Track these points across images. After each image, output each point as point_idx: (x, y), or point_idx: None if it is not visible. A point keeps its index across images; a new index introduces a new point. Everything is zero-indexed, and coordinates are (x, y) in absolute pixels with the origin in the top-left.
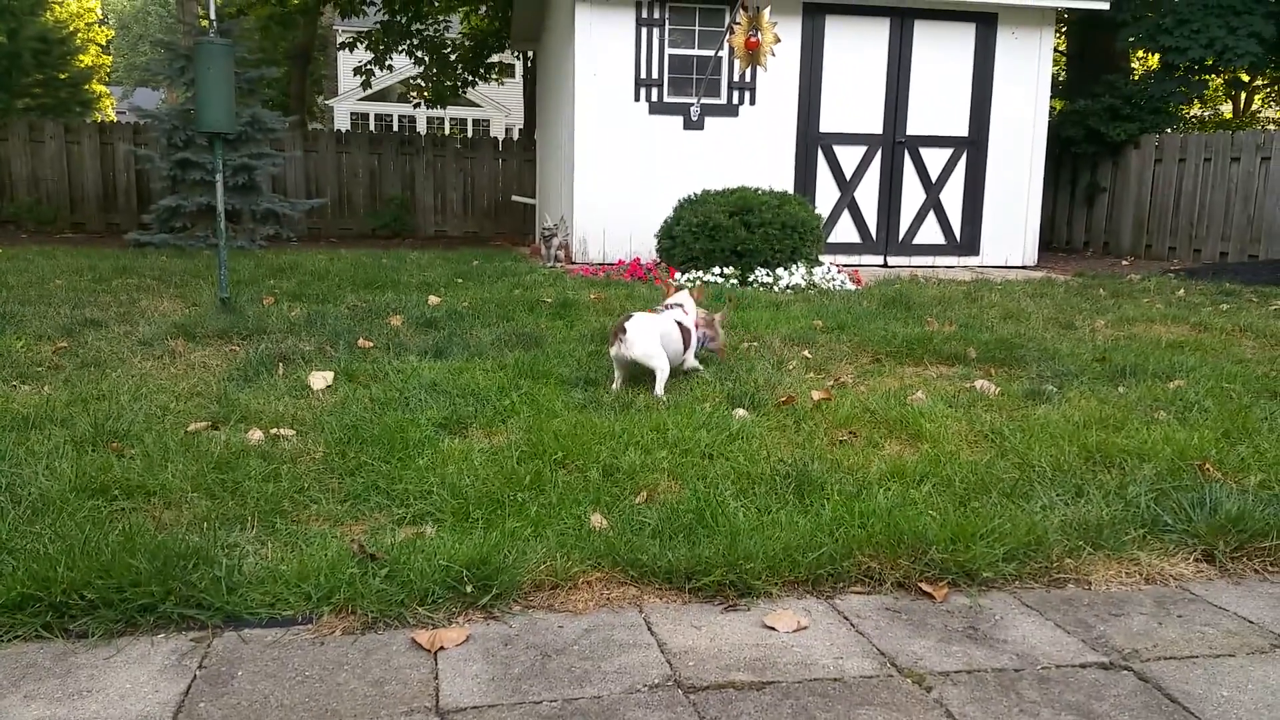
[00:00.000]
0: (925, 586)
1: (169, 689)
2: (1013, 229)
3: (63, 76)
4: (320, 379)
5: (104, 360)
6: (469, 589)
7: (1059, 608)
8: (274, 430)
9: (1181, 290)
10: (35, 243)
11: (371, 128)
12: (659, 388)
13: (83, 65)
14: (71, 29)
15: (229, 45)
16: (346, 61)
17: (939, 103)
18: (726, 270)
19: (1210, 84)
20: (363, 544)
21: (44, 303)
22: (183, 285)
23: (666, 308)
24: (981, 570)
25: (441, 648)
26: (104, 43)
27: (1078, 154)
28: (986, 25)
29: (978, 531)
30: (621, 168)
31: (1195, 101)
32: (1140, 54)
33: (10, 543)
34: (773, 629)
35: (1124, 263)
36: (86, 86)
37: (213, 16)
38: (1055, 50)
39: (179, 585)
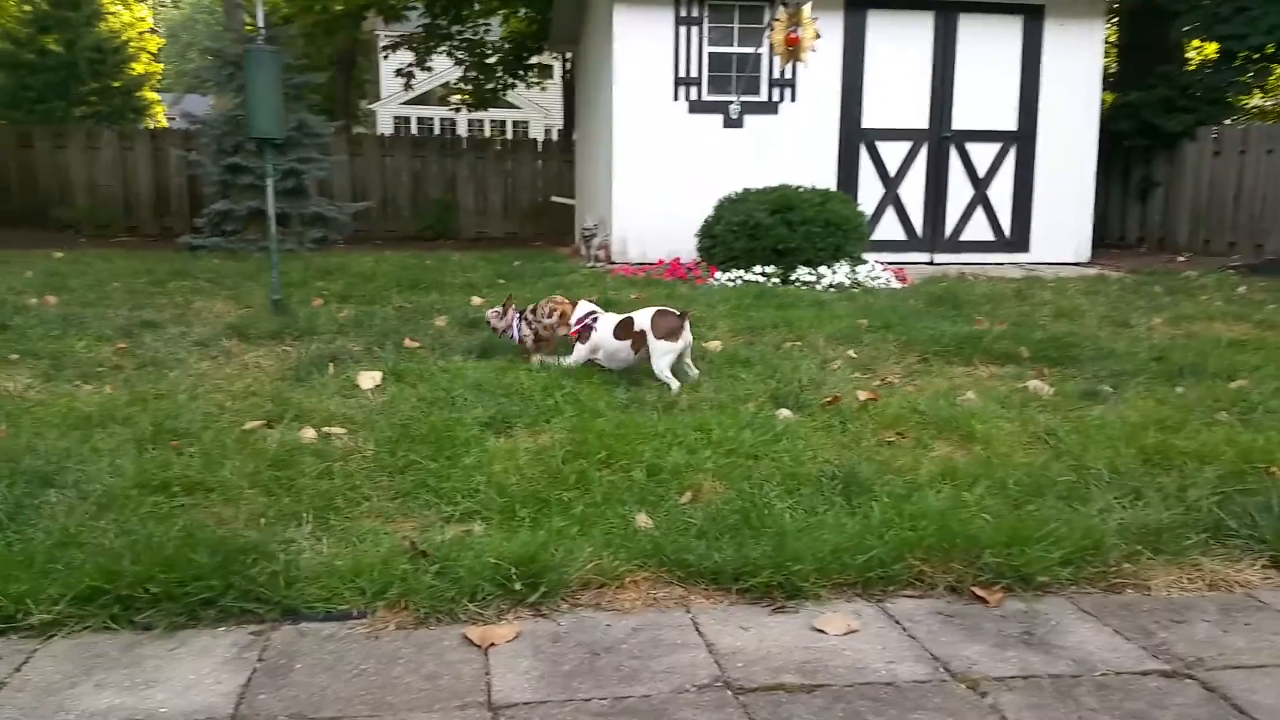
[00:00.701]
0: (978, 590)
1: (230, 680)
2: (1064, 224)
3: (117, 85)
4: (369, 378)
5: (162, 360)
6: (518, 586)
7: (1117, 613)
8: (326, 429)
9: (1243, 287)
10: (93, 246)
11: (414, 131)
12: (691, 369)
13: (135, 73)
14: (125, 38)
15: (277, 52)
16: (389, 66)
17: (985, 97)
18: (768, 269)
19: (1272, 73)
20: (414, 541)
21: (103, 305)
22: (235, 287)
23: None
24: (1037, 574)
25: (492, 644)
26: (155, 50)
27: (1130, 147)
28: (1033, 17)
29: (1032, 535)
30: (661, 167)
31: (1256, 91)
32: (1196, 43)
33: (79, 537)
34: (822, 632)
35: (1180, 259)
36: (139, 94)
37: (260, 24)
38: (1105, 42)
39: (239, 579)
